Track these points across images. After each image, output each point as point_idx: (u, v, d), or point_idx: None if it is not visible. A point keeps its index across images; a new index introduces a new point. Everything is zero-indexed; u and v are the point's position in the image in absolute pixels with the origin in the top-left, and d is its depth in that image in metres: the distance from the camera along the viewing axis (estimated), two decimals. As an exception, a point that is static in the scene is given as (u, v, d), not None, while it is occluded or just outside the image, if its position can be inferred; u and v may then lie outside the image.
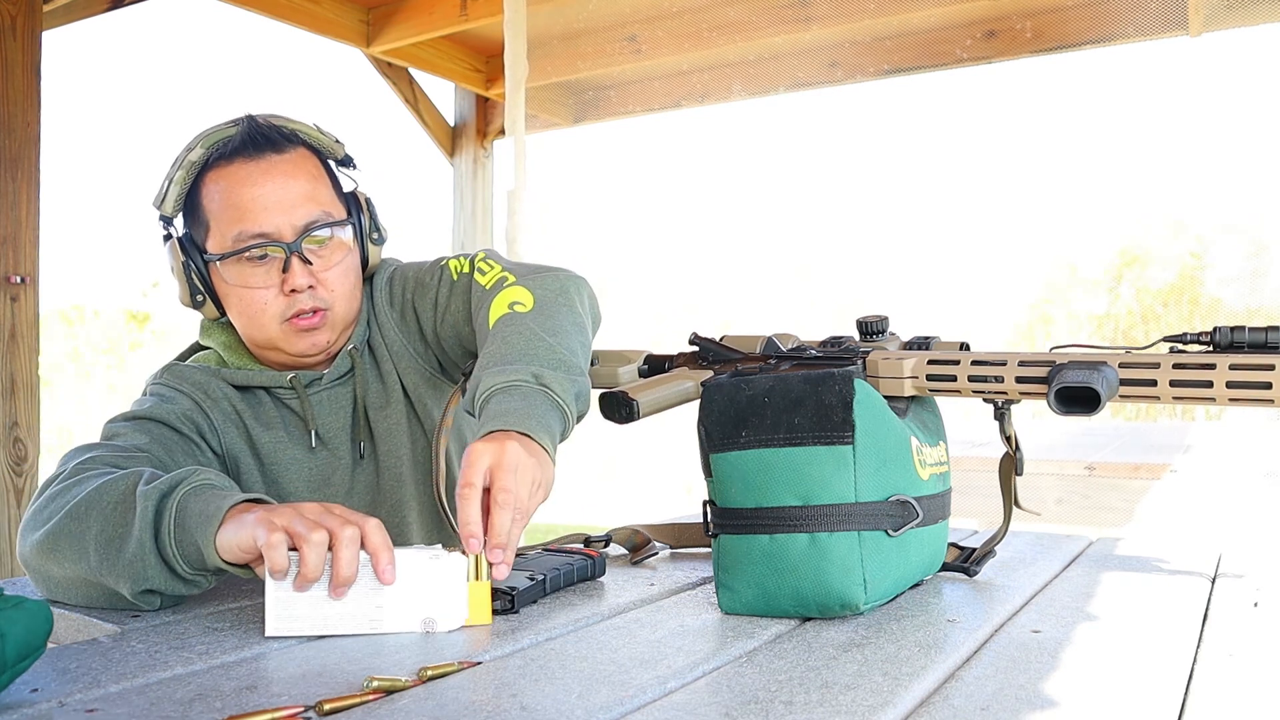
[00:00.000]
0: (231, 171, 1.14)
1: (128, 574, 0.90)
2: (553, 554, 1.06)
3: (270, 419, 1.21)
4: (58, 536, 0.94)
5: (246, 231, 1.13)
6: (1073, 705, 0.65)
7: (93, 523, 0.92)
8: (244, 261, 1.14)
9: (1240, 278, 5.91)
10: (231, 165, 1.15)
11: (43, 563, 0.96)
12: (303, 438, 1.22)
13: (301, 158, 1.19)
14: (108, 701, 0.66)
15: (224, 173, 1.15)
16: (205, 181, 1.16)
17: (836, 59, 3.33)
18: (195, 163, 1.16)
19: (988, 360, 0.93)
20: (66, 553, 0.93)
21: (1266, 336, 0.83)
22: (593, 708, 0.63)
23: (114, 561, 0.90)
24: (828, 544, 0.85)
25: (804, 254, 10.15)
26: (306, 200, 1.16)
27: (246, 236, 1.13)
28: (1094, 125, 10.62)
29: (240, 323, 1.20)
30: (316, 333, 1.19)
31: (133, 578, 0.90)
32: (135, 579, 0.90)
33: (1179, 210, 7.82)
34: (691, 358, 1.16)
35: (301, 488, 1.21)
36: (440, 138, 3.97)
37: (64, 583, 0.96)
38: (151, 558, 0.89)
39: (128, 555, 0.89)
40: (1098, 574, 1.08)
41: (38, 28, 2.53)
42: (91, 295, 9.82)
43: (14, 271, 2.45)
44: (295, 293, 1.15)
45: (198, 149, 1.16)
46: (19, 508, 2.44)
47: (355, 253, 1.23)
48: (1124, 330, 7.91)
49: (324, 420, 1.23)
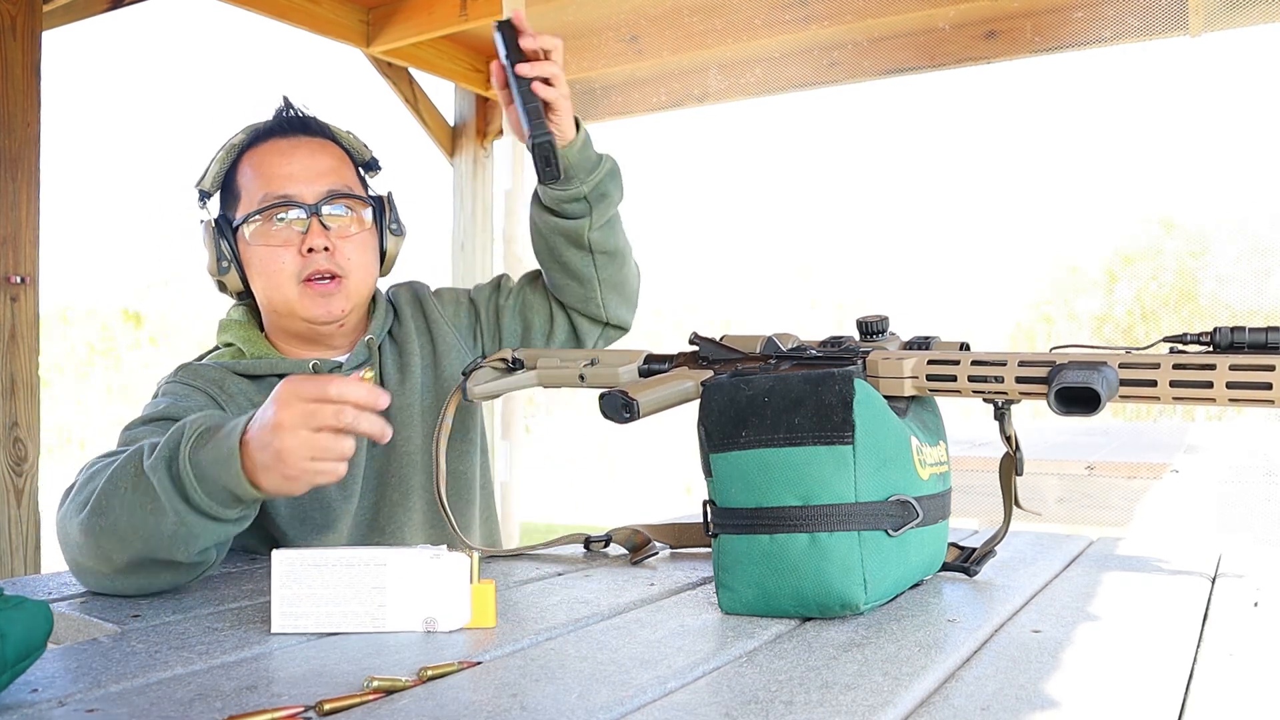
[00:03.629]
0: (266, 148, 1.25)
1: (179, 544, 0.93)
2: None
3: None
4: (97, 538, 0.94)
5: (272, 194, 1.22)
6: (1073, 705, 0.65)
7: (121, 515, 0.93)
8: (266, 222, 1.22)
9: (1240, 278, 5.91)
10: (266, 143, 1.26)
11: (97, 566, 0.97)
12: None
13: (330, 145, 1.30)
14: (108, 701, 0.66)
15: (259, 150, 1.25)
16: (242, 161, 1.26)
17: (836, 59, 3.33)
18: (236, 145, 1.27)
19: (988, 360, 0.93)
20: (111, 550, 0.94)
21: (1266, 336, 0.83)
22: (593, 708, 0.63)
23: (159, 538, 0.93)
24: (828, 544, 0.85)
25: (804, 254, 10.15)
26: (330, 173, 1.25)
27: (271, 198, 1.21)
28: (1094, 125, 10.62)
29: (260, 285, 1.26)
30: (332, 298, 1.24)
31: (185, 544, 0.93)
32: (188, 544, 0.93)
33: (1179, 210, 7.82)
34: (691, 358, 1.16)
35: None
36: (440, 138, 3.96)
37: (123, 576, 0.96)
38: (192, 518, 0.92)
39: (168, 529, 0.92)
40: (1098, 574, 1.08)
41: (38, 28, 2.53)
42: (91, 295, 9.82)
43: (14, 271, 2.44)
44: (312, 252, 1.22)
45: (240, 135, 1.27)
46: (19, 508, 2.44)
47: (374, 235, 1.30)
48: (1124, 330, 7.91)
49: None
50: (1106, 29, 2.88)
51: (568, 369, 1.23)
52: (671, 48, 3.35)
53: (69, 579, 1.11)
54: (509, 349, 1.25)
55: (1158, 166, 8.82)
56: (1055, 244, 8.85)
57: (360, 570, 0.84)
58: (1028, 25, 3.04)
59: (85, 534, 0.96)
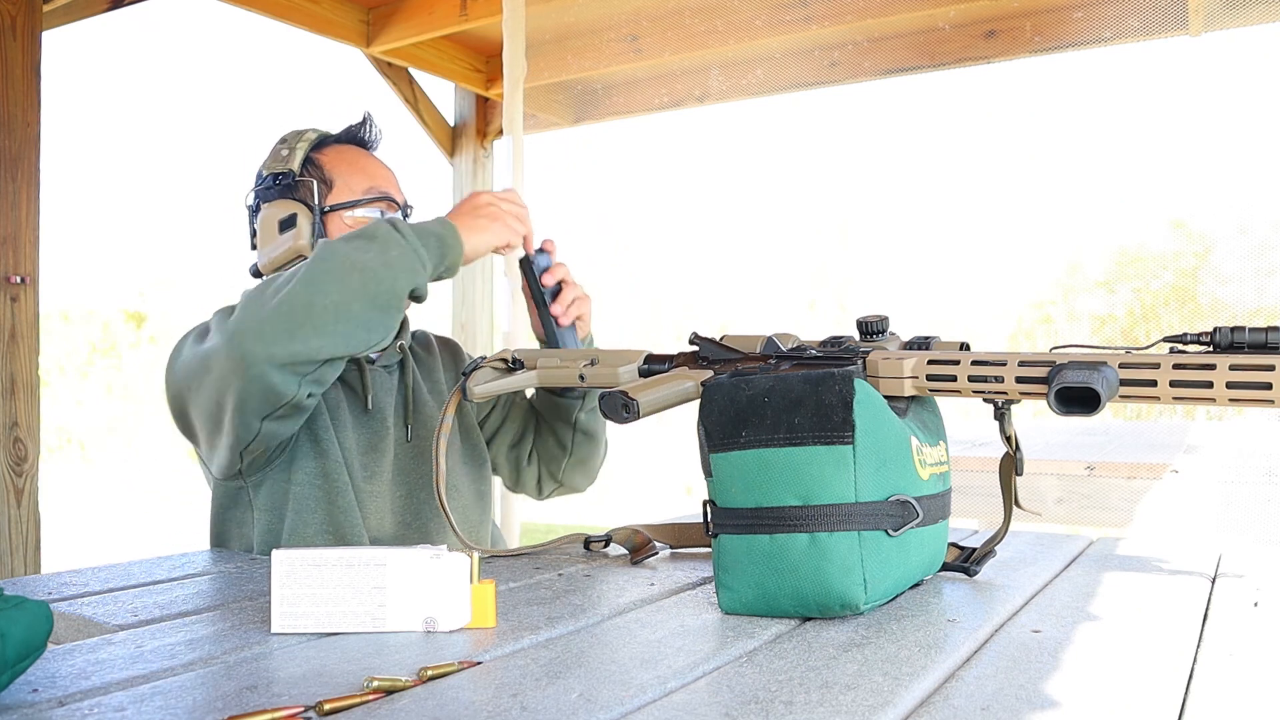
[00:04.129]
0: (354, 150, 1.40)
1: (405, 263, 1.10)
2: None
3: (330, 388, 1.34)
4: (313, 285, 1.07)
5: (376, 188, 1.37)
6: (1073, 705, 0.65)
7: (338, 261, 1.09)
8: (370, 210, 1.36)
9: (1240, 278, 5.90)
10: (351, 147, 1.40)
11: (310, 304, 1.08)
12: (357, 404, 1.35)
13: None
14: (108, 701, 0.66)
15: (347, 150, 1.39)
16: (326, 151, 1.38)
17: (836, 59, 3.33)
18: (312, 139, 1.39)
19: (988, 360, 0.93)
20: (332, 286, 1.07)
21: (1266, 336, 0.83)
22: (593, 708, 0.63)
23: (387, 257, 1.09)
24: (828, 544, 0.85)
25: (804, 253, 10.15)
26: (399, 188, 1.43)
27: (376, 191, 1.37)
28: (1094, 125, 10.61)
29: None
30: None
31: (408, 268, 1.10)
32: (412, 266, 1.11)
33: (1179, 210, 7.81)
34: (691, 358, 1.16)
35: (353, 445, 1.32)
36: (440, 138, 3.96)
37: (333, 316, 1.08)
38: (416, 245, 1.11)
39: (395, 253, 1.10)
40: (1098, 574, 1.08)
41: (38, 28, 2.53)
42: (91, 295, 9.81)
43: (14, 271, 2.44)
44: None
45: (313, 132, 1.40)
46: (19, 508, 2.44)
47: None
48: (1124, 330, 7.90)
49: (376, 394, 1.37)
50: (1107, 29, 2.88)
51: (568, 369, 1.23)
52: (672, 48, 3.35)
53: (69, 579, 1.11)
54: (508, 349, 1.25)
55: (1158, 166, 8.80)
56: (1055, 244, 8.84)
57: (360, 570, 0.84)
58: (1028, 25, 3.04)
59: (285, 300, 1.08)
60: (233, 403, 1.13)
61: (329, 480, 1.29)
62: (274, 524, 1.29)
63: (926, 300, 8.95)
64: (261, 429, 1.16)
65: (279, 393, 1.11)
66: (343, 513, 1.29)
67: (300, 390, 1.12)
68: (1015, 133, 11.37)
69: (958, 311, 8.82)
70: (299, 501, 1.28)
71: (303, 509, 1.28)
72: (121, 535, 6.36)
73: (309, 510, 1.28)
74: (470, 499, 1.42)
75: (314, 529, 1.28)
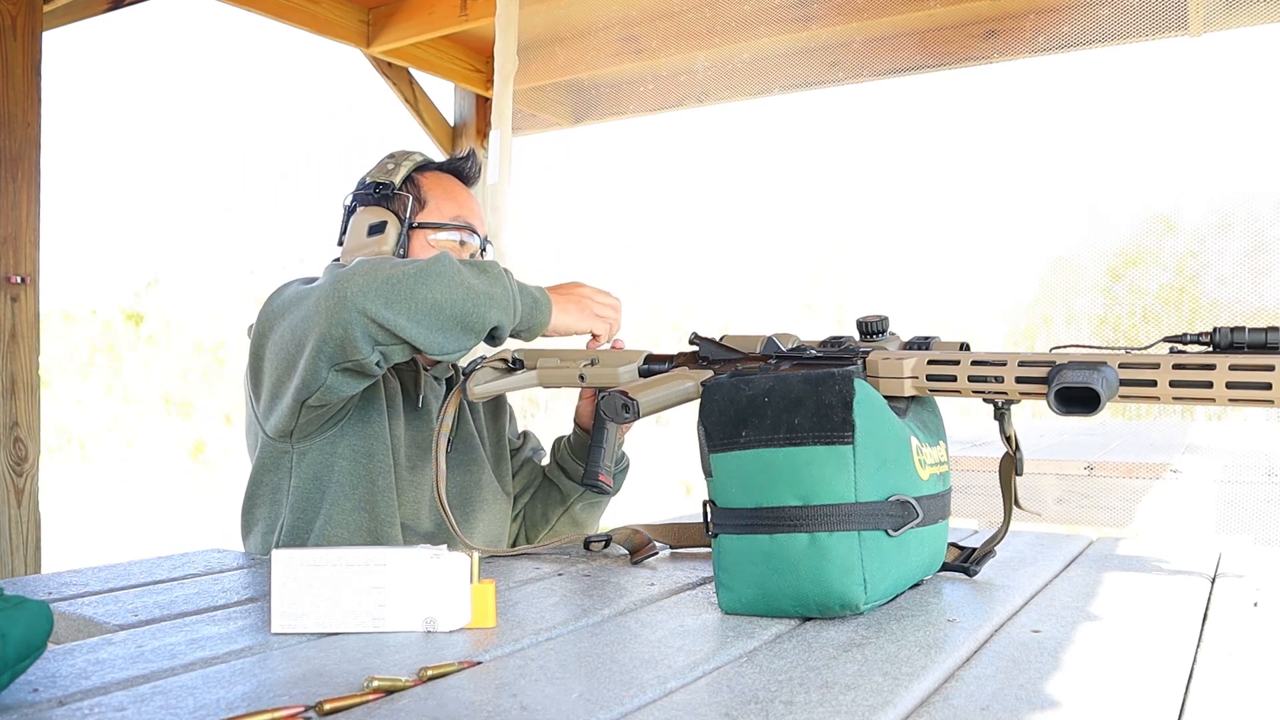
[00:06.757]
0: (451, 179, 1.48)
1: (502, 302, 1.18)
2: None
3: (389, 378, 1.39)
4: (424, 276, 1.14)
5: (463, 217, 1.45)
6: (1073, 705, 0.65)
7: (453, 271, 1.16)
8: (452, 232, 1.44)
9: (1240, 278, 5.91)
10: (449, 177, 1.48)
11: (414, 289, 1.14)
12: (410, 401, 1.41)
13: None
14: (108, 701, 0.66)
15: (445, 177, 1.47)
16: (427, 174, 1.46)
17: (837, 59, 3.33)
18: (418, 160, 1.47)
19: (988, 360, 0.93)
20: (438, 285, 1.14)
21: (1266, 336, 0.83)
22: (593, 708, 0.63)
23: (491, 290, 1.17)
24: (828, 544, 0.85)
25: (804, 254, 10.15)
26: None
27: (463, 219, 1.45)
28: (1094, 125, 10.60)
29: None
30: None
31: (503, 307, 1.18)
32: (506, 308, 1.19)
33: (1179, 210, 7.82)
34: (691, 358, 1.16)
35: (401, 435, 1.37)
36: (440, 138, 3.96)
37: (427, 309, 1.14)
38: (516, 294, 1.20)
39: (498, 290, 1.18)
40: (1098, 574, 1.08)
41: (38, 28, 2.53)
42: (91, 295, 9.81)
43: (14, 271, 2.44)
44: None
45: (419, 155, 1.48)
46: (19, 508, 2.44)
47: None
48: (1124, 330, 7.90)
49: (426, 397, 1.42)
50: (1107, 29, 2.88)
51: (568, 369, 1.24)
52: (671, 48, 3.35)
53: (69, 579, 1.11)
54: (508, 349, 1.26)
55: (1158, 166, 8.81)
56: (1055, 244, 8.84)
57: (360, 570, 0.84)
58: (1028, 25, 3.04)
59: (397, 277, 1.14)
60: (313, 342, 1.17)
61: (373, 460, 1.32)
62: (312, 494, 1.30)
63: (926, 300, 8.94)
64: (328, 380, 1.20)
65: (355, 345, 1.16)
66: (381, 494, 1.31)
67: (371, 355, 1.17)
68: (1015, 133, 11.36)
69: (958, 312, 8.81)
70: (341, 474, 1.31)
71: (344, 482, 1.31)
72: (121, 535, 6.36)
73: (350, 485, 1.30)
74: (499, 510, 1.48)
75: (352, 504, 1.30)
